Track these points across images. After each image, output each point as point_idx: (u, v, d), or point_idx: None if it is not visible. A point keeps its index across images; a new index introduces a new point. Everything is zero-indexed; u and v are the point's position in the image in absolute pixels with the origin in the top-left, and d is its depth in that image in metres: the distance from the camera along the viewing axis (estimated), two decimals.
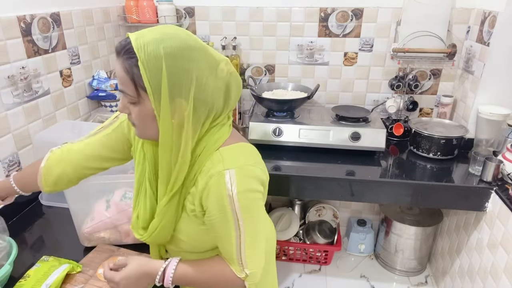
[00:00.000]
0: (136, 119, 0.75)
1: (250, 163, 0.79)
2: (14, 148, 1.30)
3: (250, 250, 0.78)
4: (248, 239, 0.77)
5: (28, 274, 0.95)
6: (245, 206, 0.75)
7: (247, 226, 0.76)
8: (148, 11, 1.93)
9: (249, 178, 0.76)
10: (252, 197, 0.77)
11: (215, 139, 0.78)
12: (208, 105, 0.73)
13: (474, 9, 1.74)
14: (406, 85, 1.87)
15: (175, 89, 0.68)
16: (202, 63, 0.70)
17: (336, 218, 2.26)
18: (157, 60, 0.66)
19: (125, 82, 0.70)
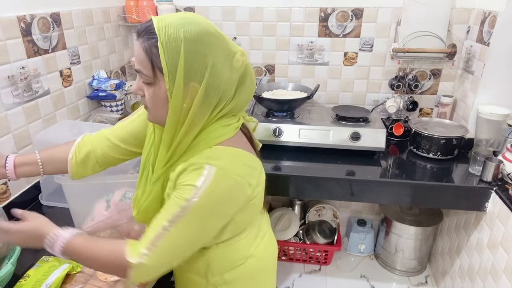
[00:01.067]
0: (149, 101, 0.75)
1: (237, 172, 0.76)
2: (14, 148, 1.30)
3: (168, 246, 0.73)
4: (176, 235, 0.72)
5: (28, 274, 0.96)
6: (200, 207, 0.72)
7: (185, 224, 0.72)
8: (148, 11, 1.93)
9: (226, 185, 0.74)
10: (212, 207, 0.73)
11: (216, 135, 0.77)
12: (219, 93, 0.73)
13: (474, 9, 1.74)
14: (406, 85, 1.87)
15: (191, 73, 0.69)
16: (218, 50, 0.71)
17: (336, 218, 2.26)
18: (176, 43, 0.67)
19: (142, 61, 0.71)
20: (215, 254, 0.88)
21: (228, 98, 0.76)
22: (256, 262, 0.94)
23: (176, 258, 0.77)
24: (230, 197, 0.76)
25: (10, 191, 1.29)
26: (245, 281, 0.94)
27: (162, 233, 0.71)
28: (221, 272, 0.90)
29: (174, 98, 0.70)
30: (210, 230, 0.78)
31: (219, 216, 0.77)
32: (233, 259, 0.90)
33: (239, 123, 0.84)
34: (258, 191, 0.85)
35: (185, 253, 0.78)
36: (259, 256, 0.95)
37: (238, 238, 0.89)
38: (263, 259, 0.97)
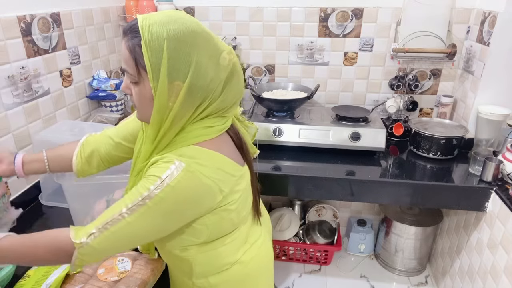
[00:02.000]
0: (136, 99, 0.76)
1: (207, 175, 0.74)
2: (14, 148, 1.30)
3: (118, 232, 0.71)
4: (129, 223, 0.70)
5: (28, 274, 0.96)
6: (160, 199, 0.70)
7: (141, 214, 0.70)
8: (148, 11, 1.93)
9: (191, 184, 0.72)
10: (172, 203, 0.71)
11: (195, 135, 0.77)
12: (204, 92, 0.73)
13: (474, 9, 1.74)
14: (406, 85, 1.87)
15: (174, 71, 0.69)
16: (203, 49, 0.71)
17: (336, 218, 2.26)
18: (159, 41, 0.67)
19: (127, 61, 0.71)
20: (197, 257, 0.86)
21: (214, 97, 0.75)
22: (244, 269, 0.92)
23: (120, 247, 0.75)
24: (193, 197, 0.73)
25: (10, 191, 1.29)
26: (231, 287, 0.93)
27: (117, 219, 0.70)
28: (205, 276, 0.89)
29: (159, 96, 0.70)
30: (165, 228, 0.76)
31: (178, 215, 0.75)
32: (217, 263, 0.89)
33: (225, 125, 0.83)
34: (234, 199, 0.82)
35: (131, 245, 0.76)
36: (247, 263, 0.92)
37: (221, 243, 0.87)
38: (253, 266, 0.94)
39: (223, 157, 0.79)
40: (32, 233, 0.76)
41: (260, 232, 0.99)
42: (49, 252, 0.73)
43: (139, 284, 0.96)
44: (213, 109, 0.77)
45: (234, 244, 0.89)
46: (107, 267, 1.01)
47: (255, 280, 0.98)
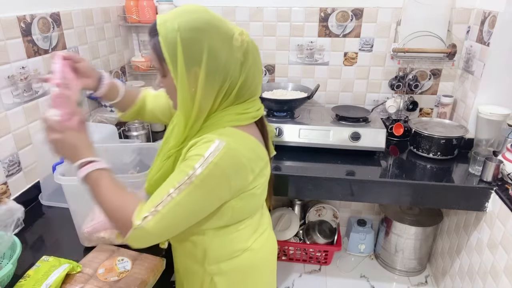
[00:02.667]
0: (166, 91, 0.84)
1: (243, 154, 0.78)
2: (14, 148, 1.30)
3: (169, 212, 0.74)
4: (178, 201, 0.74)
5: (28, 274, 0.95)
6: (205, 176, 0.74)
7: (189, 192, 0.74)
8: (148, 11, 1.93)
9: (232, 162, 0.76)
10: (217, 178, 0.75)
11: (228, 120, 0.81)
12: (221, 74, 0.77)
13: (474, 9, 1.75)
14: (406, 85, 1.87)
15: (189, 59, 0.74)
16: (214, 34, 0.75)
17: (336, 218, 2.26)
18: (173, 34, 0.73)
19: (153, 57, 0.79)
20: (212, 242, 0.90)
21: (233, 78, 0.79)
22: (253, 257, 0.96)
23: (173, 227, 0.78)
24: (234, 174, 0.78)
25: (10, 191, 1.29)
26: (241, 274, 0.96)
27: (166, 200, 0.74)
28: (217, 261, 0.93)
29: (180, 84, 0.76)
30: (210, 204, 0.80)
31: (221, 191, 0.79)
32: (229, 249, 0.92)
33: (257, 113, 0.87)
34: (260, 183, 0.87)
35: (182, 224, 0.79)
36: (257, 251, 0.96)
37: (235, 229, 0.90)
38: (261, 255, 0.99)
39: (256, 140, 0.84)
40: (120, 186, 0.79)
41: (267, 223, 1.04)
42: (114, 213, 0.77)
43: (139, 284, 0.96)
44: (238, 92, 0.81)
45: (246, 231, 0.93)
46: (107, 267, 1.01)
47: (262, 269, 1.02)
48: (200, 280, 0.96)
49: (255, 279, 1.01)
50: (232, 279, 0.96)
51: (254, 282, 1.01)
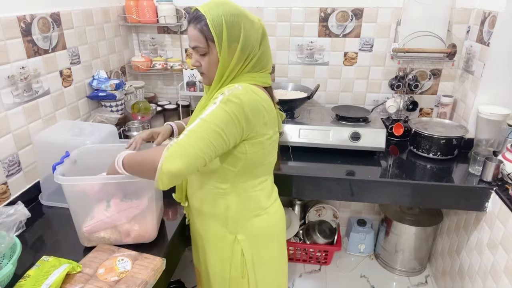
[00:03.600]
0: (205, 67, 1.00)
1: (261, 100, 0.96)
2: (14, 148, 1.30)
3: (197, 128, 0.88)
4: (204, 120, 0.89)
5: (28, 274, 0.95)
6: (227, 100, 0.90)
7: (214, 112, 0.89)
8: (148, 11, 1.93)
9: (249, 97, 0.93)
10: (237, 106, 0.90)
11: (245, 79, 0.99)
12: (250, 48, 0.97)
13: (474, 9, 1.75)
14: (406, 85, 1.87)
15: (231, 37, 0.94)
16: (245, 18, 0.97)
17: (336, 218, 2.26)
18: (219, 18, 0.93)
19: (198, 38, 0.96)
20: (233, 200, 1.06)
21: (254, 52, 0.99)
22: (271, 219, 1.13)
23: (205, 141, 0.87)
24: (249, 107, 0.92)
25: (10, 191, 1.29)
26: (261, 234, 1.12)
27: (195, 122, 0.90)
28: (239, 220, 1.08)
29: (223, 57, 0.95)
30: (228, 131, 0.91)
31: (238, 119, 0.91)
32: (249, 207, 1.08)
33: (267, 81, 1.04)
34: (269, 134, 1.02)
35: (214, 139, 0.88)
36: (273, 215, 1.13)
37: (252, 188, 1.07)
38: (277, 219, 1.16)
39: (268, 97, 1.01)
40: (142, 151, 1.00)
41: (277, 194, 1.20)
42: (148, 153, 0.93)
43: (139, 284, 0.96)
44: (255, 63, 1.00)
45: (263, 192, 1.10)
46: (107, 267, 1.01)
47: (279, 232, 1.18)
48: (224, 241, 1.10)
49: (273, 240, 1.16)
50: (254, 239, 1.10)
51: (273, 243, 1.16)
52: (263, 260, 1.14)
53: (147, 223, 1.13)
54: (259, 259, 1.12)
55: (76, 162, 1.14)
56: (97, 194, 1.07)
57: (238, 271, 1.11)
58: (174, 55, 2.14)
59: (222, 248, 1.11)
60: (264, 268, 1.15)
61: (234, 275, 1.12)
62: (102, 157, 1.14)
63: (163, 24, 1.96)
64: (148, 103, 1.88)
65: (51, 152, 1.18)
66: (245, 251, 1.09)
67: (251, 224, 1.09)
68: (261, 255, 1.13)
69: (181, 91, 2.04)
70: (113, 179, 1.04)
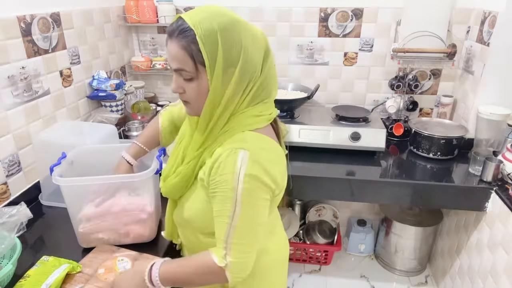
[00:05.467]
0: (192, 95, 0.79)
1: (268, 158, 0.79)
2: (14, 148, 1.30)
3: (239, 237, 0.77)
4: (240, 225, 0.76)
5: (28, 274, 0.95)
6: (247, 190, 0.75)
7: (243, 211, 0.76)
8: (148, 11, 1.93)
9: (260, 167, 0.76)
10: (257, 186, 0.76)
11: (248, 123, 0.80)
12: (250, 73, 0.77)
13: (474, 9, 1.74)
14: (406, 85, 1.87)
15: (229, 59, 0.73)
16: (247, 34, 0.75)
17: (336, 218, 2.26)
18: (213, 34, 0.71)
19: (183, 59, 0.74)
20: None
21: (256, 77, 0.79)
22: (270, 258, 0.96)
23: (251, 245, 0.80)
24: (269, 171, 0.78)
25: (10, 191, 1.29)
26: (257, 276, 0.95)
27: (229, 230, 0.76)
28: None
29: (214, 85, 0.74)
30: (264, 210, 0.81)
31: (265, 195, 0.79)
32: None
33: (272, 115, 0.86)
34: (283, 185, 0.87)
35: (256, 236, 0.81)
36: (273, 252, 0.97)
37: None
38: (276, 256, 1.00)
39: (274, 141, 0.85)
40: (182, 259, 0.88)
41: (280, 223, 1.06)
42: (204, 275, 0.82)
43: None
44: (255, 93, 0.80)
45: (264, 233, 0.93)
46: (107, 267, 1.01)
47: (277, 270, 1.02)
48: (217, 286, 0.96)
49: (270, 280, 1.01)
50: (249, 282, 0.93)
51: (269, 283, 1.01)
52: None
53: (146, 223, 1.12)
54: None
55: (73, 163, 1.13)
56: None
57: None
58: None
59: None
60: None
61: None
62: (99, 157, 1.14)
63: (163, 24, 1.96)
64: (148, 103, 1.88)
65: (51, 152, 1.17)
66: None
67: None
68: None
69: None
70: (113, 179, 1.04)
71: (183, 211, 0.91)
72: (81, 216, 1.07)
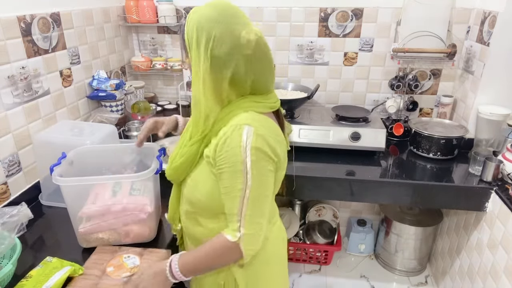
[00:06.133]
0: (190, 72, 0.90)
1: (270, 135, 0.84)
2: (14, 148, 1.30)
3: (252, 208, 0.82)
4: (252, 196, 0.81)
5: (31, 275, 0.95)
6: (255, 162, 0.81)
7: (254, 182, 0.81)
8: (148, 11, 1.93)
9: (264, 141, 0.82)
10: (263, 158, 0.82)
11: (247, 106, 0.87)
12: (226, 66, 0.82)
13: (474, 9, 1.74)
14: (406, 85, 1.87)
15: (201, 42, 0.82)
16: (224, 26, 0.82)
17: (336, 218, 2.26)
18: (192, 22, 0.83)
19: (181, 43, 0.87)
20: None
21: (241, 71, 0.84)
22: (270, 247, 1.00)
23: (263, 215, 0.85)
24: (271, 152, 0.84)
25: (10, 191, 1.29)
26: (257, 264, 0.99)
27: (242, 202, 0.82)
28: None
29: (193, 66, 0.84)
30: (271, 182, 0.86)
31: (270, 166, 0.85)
32: None
33: (273, 104, 0.92)
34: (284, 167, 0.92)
35: (266, 208, 0.86)
36: (272, 241, 1.01)
37: None
38: (276, 245, 1.04)
39: (277, 126, 0.91)
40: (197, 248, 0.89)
41: (277, 212, 1.10)
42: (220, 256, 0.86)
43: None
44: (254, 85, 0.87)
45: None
46: (115, 265, 1.01)
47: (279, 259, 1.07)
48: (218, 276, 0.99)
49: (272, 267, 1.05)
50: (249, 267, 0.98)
51: (271, 272, 1.05)
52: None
53: (147, 223, 1.12)
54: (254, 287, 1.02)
55: (73, 163, 1.13)
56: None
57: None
58: (174, 55, 2.14)
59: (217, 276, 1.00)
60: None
61: None
62: (99, 157, 1.14)
63: (163, 24, 1.96)
64: (148, 103, 1.88)
65: (51, 152, 1.17)
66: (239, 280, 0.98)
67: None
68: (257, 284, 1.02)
69: (181, 91, 2.04)
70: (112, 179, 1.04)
71: (188, 191, 0.94)
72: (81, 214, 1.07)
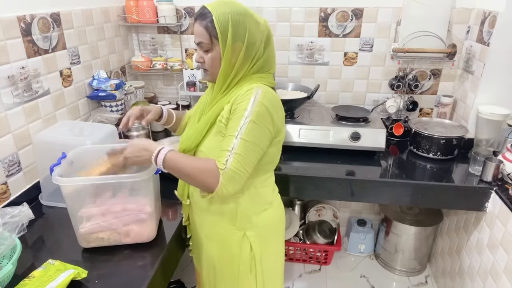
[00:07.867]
0: (208, 63, 1.02)
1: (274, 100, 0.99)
2: (14, 148, 1.30)
3: (241, 150, 0.92)
4: (245, 138, 0.92)
5: (33, 275, 0.95)
6: (257, 112, 0.93)
7: (249, 127, 0.93)
8: (148, 11, 1.93)
9: (270, 102, 0.96)
10: (266, 113, 0.95)
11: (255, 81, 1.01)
12: (254, 49, 1.00)
13: (474, 9, 1.74)
14: (406, 85, 1.87)
15: (236, 35, 0.96)
16: (251, 19, 0.99)
17: (336, 218, 2.26)
18: (225, 16, 0.95)
19: (203, 35, 0.98)
20: (243, 199, 1.07)
21: (259, 54, 1.01)
22: (276, 212, 1.16)
23: (249, 162, 0.95)
24: (274, 111, 0.97)
25: (10, 191, 1.29)
26: (268, 228, 1.14)
27: (235, 142, 0.92)
28: (248, 216, 1.09)
29: (226, 55, 0.97)
30: (266, 138, 0.98)
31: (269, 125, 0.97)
32: (257, 202, 1.10)
33: (273, 82, 1.06)
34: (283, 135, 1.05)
35: (254, 157, 0.96)
36: (277, 208, 1.17)
37: (260, 184, 1.09)
38: (280, 212, 1.19)
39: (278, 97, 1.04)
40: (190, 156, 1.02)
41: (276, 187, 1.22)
42: (200, 171, 0.93)
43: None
44: (262, 64, 1.03)
45: (269, 187, 1.14)
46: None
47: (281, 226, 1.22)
48: (232, 238, 1.10)
49: (279, 234, 1.20)
50: (262, 233, 1.12)
51: (279, 236, 1.21)
52: (270, 253, 1.17)
53: (146, 223, 1.12)
54: (266, 253, 1.14)
55: (73, 163, 1.13)
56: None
57: (247, 266, 1.12)
58: (174, 55, 2.14)
59: (231, 246, 1.11)
60: (271, 261, 1.18)
61: (243, 270, 1.13)
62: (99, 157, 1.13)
63: (163, 24, 1.96)
64: (148, 103, 1.88)
65: (51, 152, 1.17)
66: (254, 246, 1.10)
67: (260, 219, 1.11)
68: (269, 249, 1.15)
69: (181, 91, 2.04)
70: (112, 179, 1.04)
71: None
72: (81, 214, 1.07)
